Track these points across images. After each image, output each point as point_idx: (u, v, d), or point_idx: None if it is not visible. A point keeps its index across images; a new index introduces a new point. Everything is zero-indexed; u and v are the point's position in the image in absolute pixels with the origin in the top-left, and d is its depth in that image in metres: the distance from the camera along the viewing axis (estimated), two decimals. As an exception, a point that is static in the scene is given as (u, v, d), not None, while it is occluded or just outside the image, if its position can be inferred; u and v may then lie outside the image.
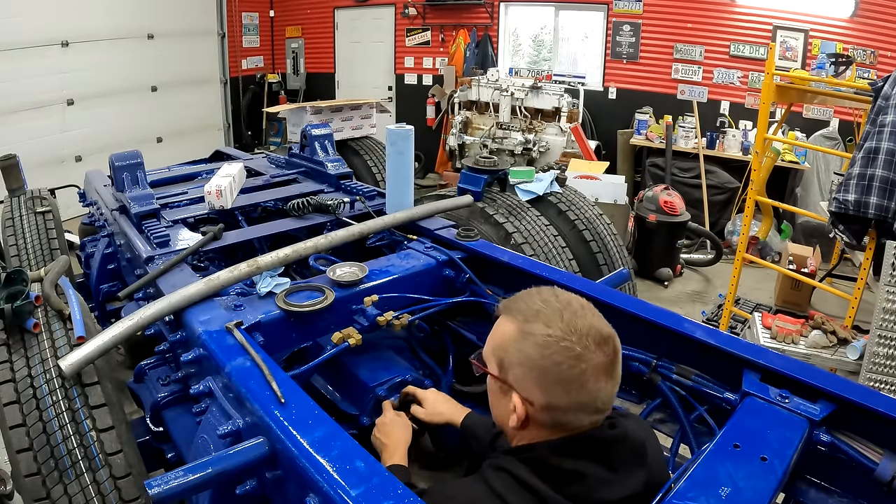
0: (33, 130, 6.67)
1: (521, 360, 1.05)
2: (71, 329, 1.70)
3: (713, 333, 1.63)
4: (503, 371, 1.08)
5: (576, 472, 1.01)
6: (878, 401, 1.32)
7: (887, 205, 3.14)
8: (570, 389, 1.01)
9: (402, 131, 2.49)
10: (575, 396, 1.02)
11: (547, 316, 1.05)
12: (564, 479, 1.01)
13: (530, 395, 1.04)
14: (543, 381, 1.02)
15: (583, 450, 1.04)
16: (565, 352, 1.01)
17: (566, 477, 1.01)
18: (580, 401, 1.02)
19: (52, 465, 1.48)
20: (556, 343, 1.01)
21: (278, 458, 1.25)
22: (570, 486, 1.01)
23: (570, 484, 1.01)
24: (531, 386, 1.04)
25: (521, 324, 1.06)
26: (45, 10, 6.63)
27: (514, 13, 8.36)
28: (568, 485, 1.01)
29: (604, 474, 1.03)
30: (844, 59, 4.31)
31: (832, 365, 3.27)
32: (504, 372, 1.08)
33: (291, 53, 10.14)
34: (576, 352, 1.01)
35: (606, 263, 3.11)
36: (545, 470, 1.01)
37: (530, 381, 1.04)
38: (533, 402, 1.04)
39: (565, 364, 1.00)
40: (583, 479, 1.01)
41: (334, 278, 1.91)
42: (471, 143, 7.36)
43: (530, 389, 1.04)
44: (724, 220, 6.58)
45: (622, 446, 1.06)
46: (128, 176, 2.60)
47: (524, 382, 1.04)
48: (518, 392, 1.05)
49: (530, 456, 1.04)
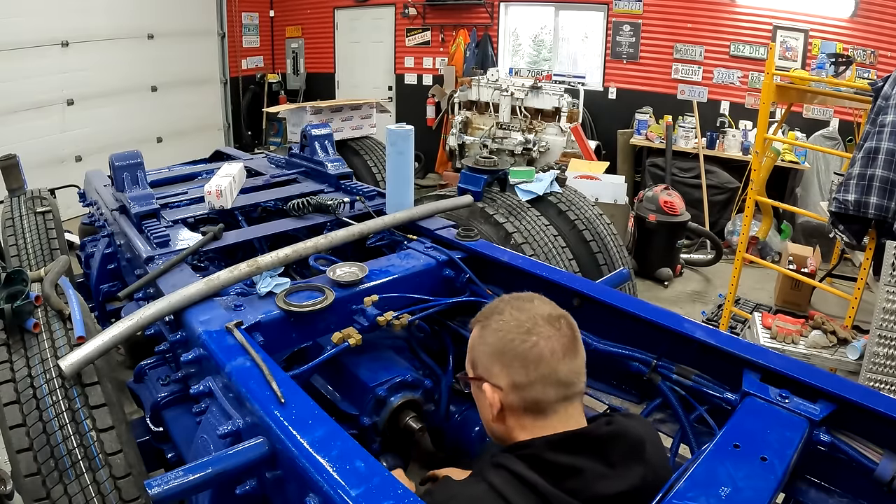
0: (33, 130, 6.67)
1: (484, 351, 1.15)
2: (71, 329, 1.70)
3: (713, 333, 1.63)
4: (475, 369, 1.18)
5: (572, 466, 1.03)
6: (878, 401, 1.32)
7: (887, 205, 3.14)
8: (528, 363, 1.09)
9: (402, 131, 2.49)
10: (534, 370, 1.09)
11: (500, 309, 1.17)
12: (562, 474, 1.03)
13: (497, 380, 1.12)
14: (502, 360, 1.11)
15: (578, 445, 1.06)
16: (516, 329, 1.11)
17: (563, 472, 1.03)
18: (541, 374, 1.09)
19: (52, 465, 1.48)
20: (507, 324, 1.13)
21: (278, 458, 1.25)
22: (568, 480, 1.03)
23: (568, 478, 1.03)
24: (495, 369, 1.12)
25: (482, 323, 1.18)
26: (45, 10, 6.62)
27: (514, 13, 8.36)
28: (565, 479, 1.03)
29: (601, 469, 1.04)
30: (844, 59, 4.31)
31: (832, 365, 3.27)
32: (476, 369, 1.18)
33: (291, 53, 10.14)
34: (525, 327, 1.11)
35: (606, 263, 3.11)
36: (542, 465, 1.04)
37: (493, 365, 1.13)
38: (501, 385, 1.11)
39: (517, 340, 1.10)
40: (580, 473, 1.03)
41: (334, 278, 1.91)
42: (471, 143, 7.36)
43: (495, 374, 1.12)
44: (724, 220, 6.58)
45: (619, 442, 1.08)
46: (128, 176, 2.60)
47: (490, 369, 1.14)
48: (487, 381, 1.14)
49: (528, 452, 1.06)
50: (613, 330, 1.80)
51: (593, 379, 1.88)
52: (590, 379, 1.88)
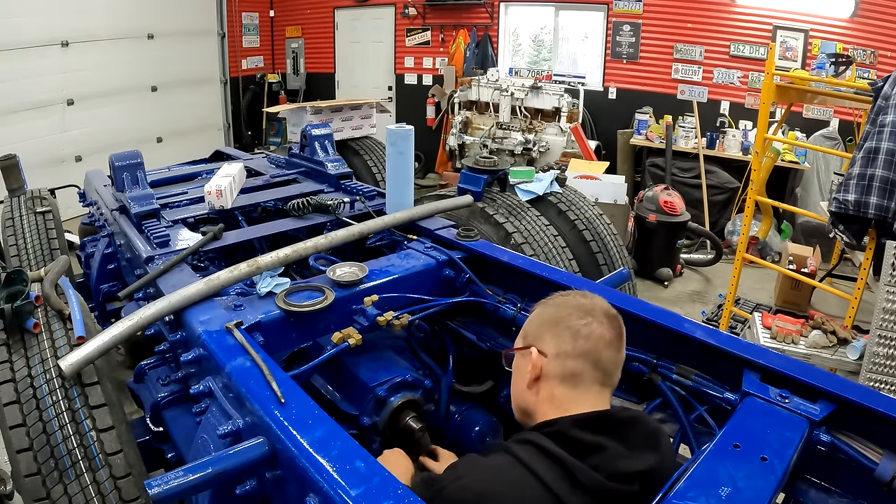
0: (33, 130, 6.67)
1: (539, 321, 1.25)
2: (71, 329, 1.70)
3: (713, 333, 1.63)
4: (525, 338, 1.26)
5: (597, 444, 1.08)
6: (878, 401, 1.32)
7: (887, 205, 3.14)
8: (578, 337, 1.18)
9: (402, 131, 2.48)
10: (582, 344, 1.17)
11: (565, 293, 1.29)
12: (586, 450, 1.08)
13: (544, 346, 1.20)
14: (555, 329, 1.20)
15: (602, 425, 1.12)
16: (576, 307, 1.22)
17: (587, 448, 1.08)
18: (585, 349, 1.17)
19: (52, 465, 1.48)
20: (569, 302, 1.24)
21: (278, 458, 1.25)
22: (592, 456, 1.07)
23: (592, 454, 1.08)
24: (546, 336, 1.21)
25: (544, 302, 1.29)
26: (45, 10, 6.62)
27: (514, 13, 8.36)
28: (590, 455, 1.07)
29: (621, 449, 1.09)
30: (844, 59, 4.30)
31: (832, 365, 3.27)
32: (526, 338, 1.26)
33: (291, 53, 10.14)
34: (585, 308, 1.21)
35: (606, 263, 3.11)
36: (568, 441, 1.09)
37: (545, 332, 1.22)
38: (546, 352, 1.19)
39: (574, 315, 1.20)
40: (603, 450, 1.08)
41: (334, 278, 1.91)
42: (471, 143, 7.36)
43: (544, 339, 1.21)
44: (724, 220, 6.58)
45: (637, 427, 1.15)
46: (128, 176, 2.60)
47: (541, 335, 1.22)
48: (535, 346, 1.22)
49: (554, 430, 1.11)
50: (613, 330, 1.80)
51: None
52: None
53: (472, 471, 1.09)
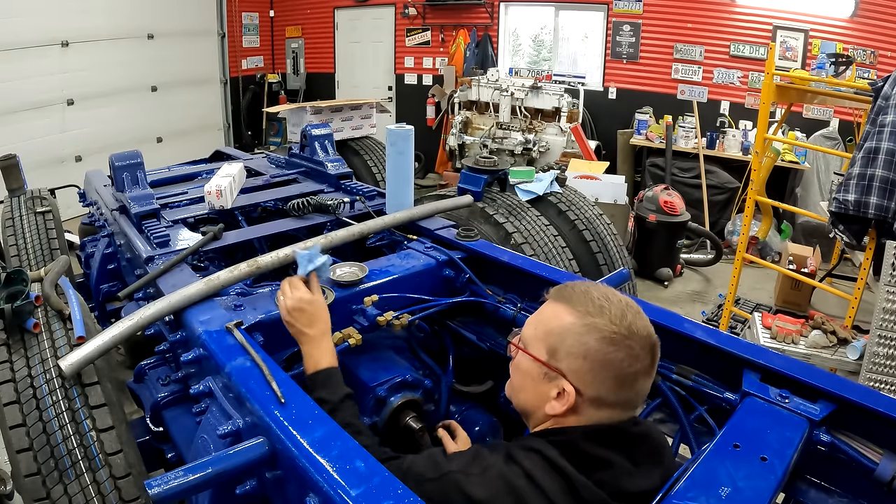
0: (33, 130, 6.67)
1: (582, 351, 1.07)
2: (71, 329, 1.70)
3: (713, 333, 1.63)
4: (555, 359, 1.10)
5: (604, 459, 1.05)
6: (878, 401, 1.32)
7: (887, 205, 3.14)
8: (623, 386, 1.07)
9: (402, 131, 2.48)
10: (624, 393, 1.08)
11: (612, 313, 1.08)
12: (593, 465, 1.04)
13: (583, 386, 1.07)
14: (601, 374, 1.06)
15: (612, 439, 1.07)
16: (627, 350, 1.05)
17: (595, 463, 1.05)
18: (627, 398, 1.09)
19: (52, 465, 1.48)
20: (623, 341, 1.06)
21: (278, 458, 1.25)
22: (598, 472, 1.04)
23: (598, 470, 1.04)
24: (587, 377, 1.07)
25: (584, 316, 1.08)
26: (45, 10, 6.62)
27: (514, 13, 8.36)
28: (596, 470, 1.04)
29: (628, 466, 1.06)
30: (844, 59, 4.31)
31: (832, 365, 3.27)
32: (556, 360, 1.10)
33: (291, 53, 10.14)
34: (635, 351, 1.06)
35: (606, 263, 3.11)
36: (575, 454, 1.05)
37: (586, 372, 1.07)
38: (583, 392, 1.07)
39: (626, 362, 1.05)
40: (610, 466, 1.05)
41: (334, 278, 1.90)
42: (471, 143, 7.36)
43: (584, 380, 1.07)
44: (724, 220, 6.58)
45: (646, 443, 1.10)
46: (128, 176, 2.59)
47: (580, 373, 1.07)
48: (570, 380, 1.08)
49: (562, 439, 1.07)
50: (613, 330, 1.80)
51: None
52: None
53: (481, 472, 1.06)
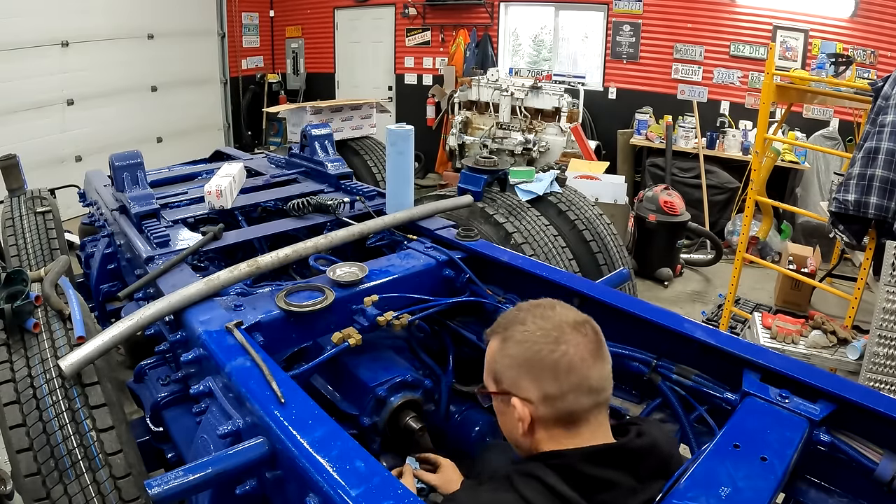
0: (33, 130, 6.67)
1: (509, 363, 1.09)
2: (71, 329, 1.70)
3: (713, 333, 1.63)
4: (499, 383, 1.12)
5: (607, 480, 1.01)
6: (878, 401, 1.32)
7: (887, 205, 3.14)
8: (559, 373, 1.05)
9: (402, 131, 2.48)
10: (566, 380, 1.05)
11: (521, 319, 1.11)
12: (594, 487, 1.00)
13: (527, 393, 1.07)
14: (532, 372, 1.06)
15: (614, 459, 1.04)
16: (543, 339, 1.06)
17: (596, 485, 1.01)
18: (573, 383, 1.05)
19: (52, 465, 1.48)
20: (532, 334, 1.08)
21: (278, 458, 1.25)
22: (599, 494, 1.00)
23: (601, 492, 1.00)
24: (524, 383, 1.07)
25: (501, 335, 1.13)
26: (45, 10, 6.62)
27: (514, 13, 8.36)
28: (597, 493, 1.00)
29: (632, 484, 1.03)
30: (844, 59, 4.31)
31: (832, 365, 3.26)
32: (500, 384, 1.12)
33: (291, 53, 10.14)
34: (553, 336, 1.06)
35: (606, 263, 3.11)
36: (575, 477, 1.01)
37: (522, 378, 1.07)
38: (531, 399, 1.07)
39: (545, 350, 1.06)
40: (613, 487, 1.01)
41: (334, 278, 1.91)
42: (471, 143, 7.36)
43: (524, 387, 1.07)
44: (724, 220, 6.58)
45: (651, 456, 1.07)
46: (128, 176, 2.60)
47: (517, 382, 1.08)
48: (515, 394, 1.08)
49: (560, 462, 1.03)
50: (613, 330, 1.80)
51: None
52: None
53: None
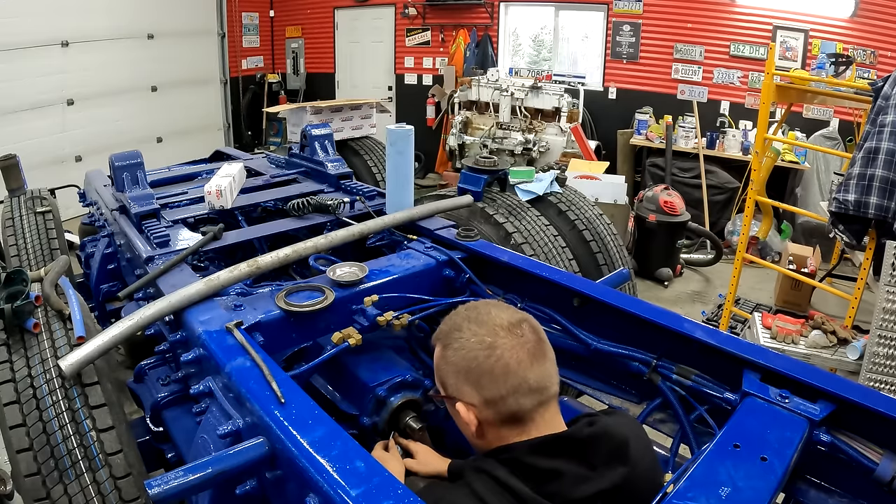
0: (33, 130, 6.67)
1: (450, 371, 1.13)
2: (71, 329, 1.70)
3: (713, 333, 1.63)
4: (445, 389, 1.16)
5: (553, 470, 1.04)
6: (878, 401, 1.32)
7: (887, 205, 3.14)
8: (496, 378, 1.07)
9: (402, 131, 2.48)
10: (503, 384, 1.07)
11: (457, 325, 1.15)
12: (542, 478, 1.04)
13: (469, 398, 1.11)
14: (471, 379, 1.10)
15: (559, 448, 1.06)
16: (478, 346, 1.09)
17: (544, 476, 1.04)
18: (511, 386, 1.07)
19: (52, 465, 1.48)
20: (468, 342, 1.11)
21: (278, 458, 1.25)
22: (548, 484, 1.03)
23: (548, 482, 1.03)
24: (465, 389, 1.11)
25: (442, 341, 1.16)
26: (45, 10, 6.63)
27: (514, 13, 8.36)
28: (546, 483, 1.03)
29: (581, 472, 1.04)
30: (844, 59, 4.31)
31: (832, 365, 3.27)
32: (446, 389, 1.16)
33: (291, 53, 10.14)
34: (487, 342, 1.09)
35: (606, 263, 3.10)
36: (523, 470, 1.04)
37: (463, 384, 1.11)
38: (474, 403, 1.10)
39: (481, 356, 1.08)
40: (560, 477, 1.03)
41: (334, 278, 1.91)
42: (471, 143, 7.36)
43: (466, 392, 1.11)
44: (724, 220, 6.58)
45: (601, 444, 1.07)
46: (128, 176, 2.60)
47: (460, 388, 1.12)
48: (460, 399, 1.12)
49: (508, 457, 1.06)
50: (613, 330, 1.80)
51: (593, 379, 1.88)
52: (590, 379, 1.89)
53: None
